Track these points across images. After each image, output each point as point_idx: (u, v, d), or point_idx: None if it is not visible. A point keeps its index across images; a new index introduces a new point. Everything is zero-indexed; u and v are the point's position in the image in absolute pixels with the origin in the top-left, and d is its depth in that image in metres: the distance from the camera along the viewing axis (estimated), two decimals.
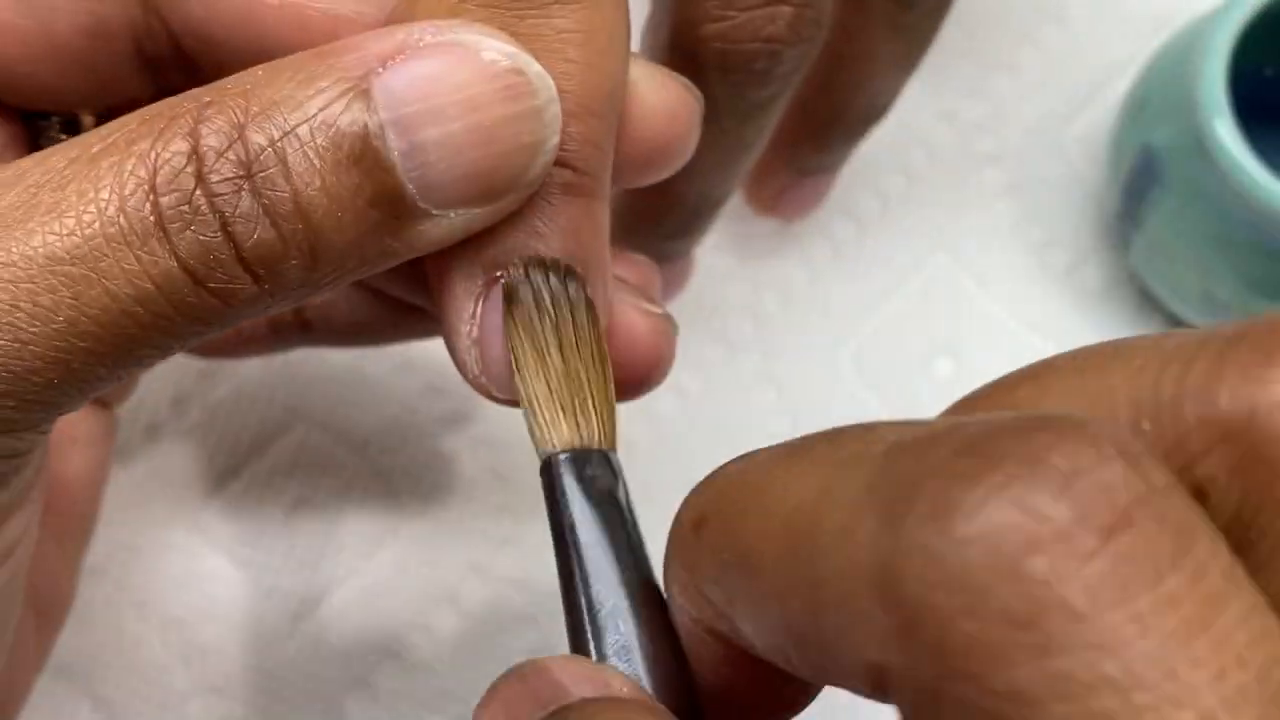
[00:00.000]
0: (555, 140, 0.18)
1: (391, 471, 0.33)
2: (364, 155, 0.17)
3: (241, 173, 0.17)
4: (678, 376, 0.33)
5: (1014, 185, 0.35)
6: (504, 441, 0.33)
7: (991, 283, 0.34)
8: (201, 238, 0.17)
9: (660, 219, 0.29)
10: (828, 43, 0.27)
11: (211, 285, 0.17)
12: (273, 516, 0.32)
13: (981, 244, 0.35)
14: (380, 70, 0.17)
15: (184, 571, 0.32)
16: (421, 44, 0.17)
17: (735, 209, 0.34)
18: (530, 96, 0.17)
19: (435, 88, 0.17)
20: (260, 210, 0.17)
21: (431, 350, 0.25)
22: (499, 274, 0.19)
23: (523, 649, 0.31)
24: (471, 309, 0.19)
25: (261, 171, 0.17)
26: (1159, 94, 0.31)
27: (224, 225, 0.17)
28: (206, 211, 0.17)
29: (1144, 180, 0.31)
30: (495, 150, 0.17)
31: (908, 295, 0.34)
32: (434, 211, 0.18)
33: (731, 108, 0.26)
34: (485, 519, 0.32)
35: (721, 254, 0.34)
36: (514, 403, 0.20)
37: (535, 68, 0.18)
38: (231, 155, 0.17)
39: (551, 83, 0.18)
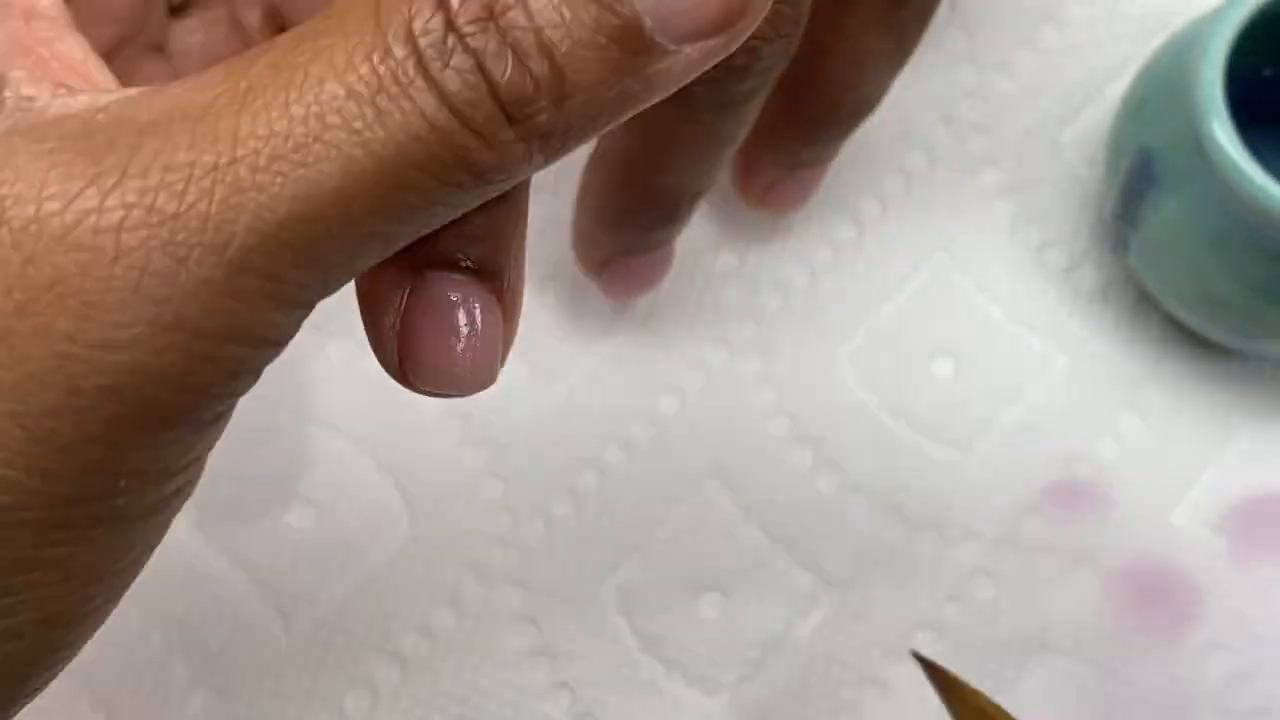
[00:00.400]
0: None
1: (392, 470, 0.33)
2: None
3: (485, 14, 0.17)
4: (679, 376, 0.34)
5: (1012, 186, 0.35)
6: (504, 441, 0.33)
7: (990, 283, 0.34)
8: (461, 77, 0.17)
9: (641, 210, 0.30)
10: (818, 39, 0.28)
11: (475, 127, 0.18)
12: (273, 515, 0.32)
13: (980, 245, 0.35)
14: None
15: (184, 570, 0.32)
16: None
17: (736, 210, 0.34)
18: None
19: None
20: (508, 50, 0.17)
21: None
22: (426, 272, 0.20)
23: (522, 649, 0.31)
24: (397, 301, 0.21)
25: (504, 11, 0.17)
26: (1156, 95, 0.31)
27: (479, 63, 0.17)
28: (461, 52, 0.17)
29: (1141, 181, 0.31)
30: None
31: (907, 296, 0.34)
32: (670, 47, 0.18)
33: (710, 102, 0.27)
34: (485, 518, 0.32)
35: (721, 254, 0.34)
36: (432, 393, 0.21)
37: None
38: None
39: None
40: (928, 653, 0.31)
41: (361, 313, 0.21)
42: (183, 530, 0.32)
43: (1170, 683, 0.31)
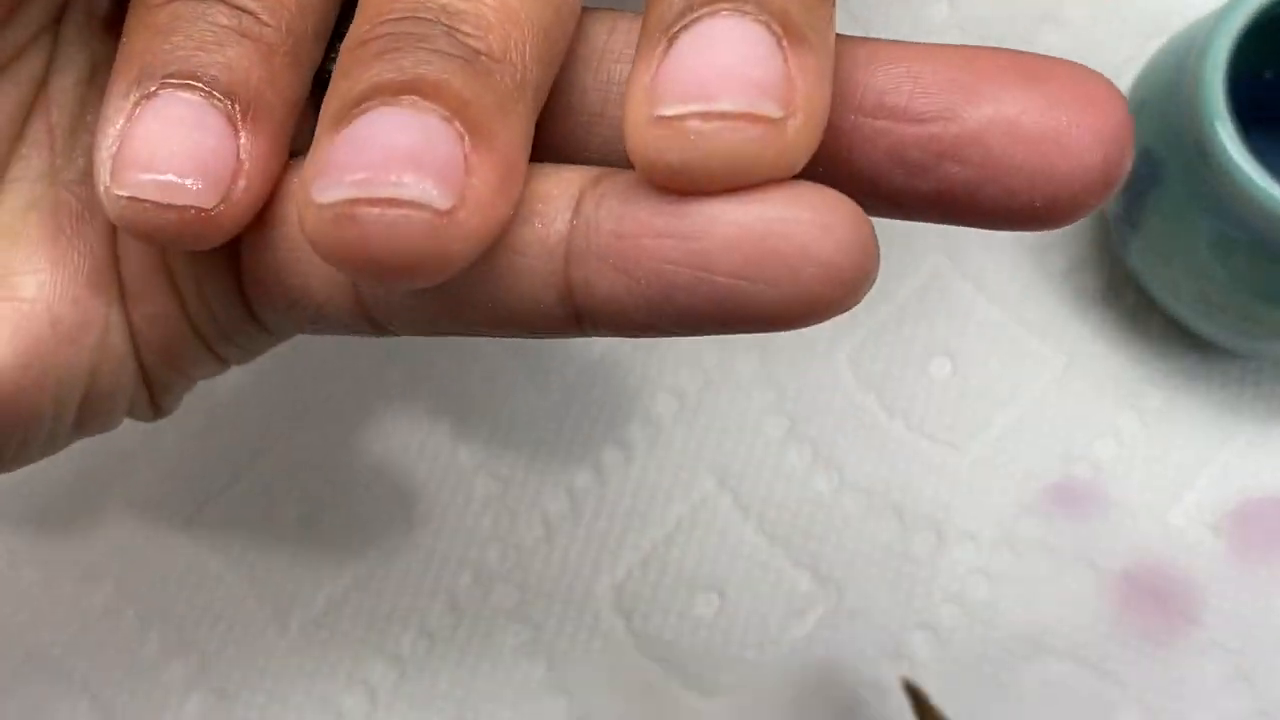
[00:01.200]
0: None
1: (391, 471, 0.33)
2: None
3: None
4: (677, 376, 0.34)
5: None
6: (503, 441, 0.33)
7: (990, 284, 0.34)
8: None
9: None
10: None
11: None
12: (272, 517, 0.32)
13: (980, 246, 0.35)
14: None
15: (183, 572, 0.32)
16: None
17: None
18: None
19: None
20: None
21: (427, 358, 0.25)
22: (155, 87, 0.18)
23: (520, 649, 0.31)
24: (121, 121, 0.18)
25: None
26: (1158, 97, 0.31)
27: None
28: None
29: (1142, 183, 0.31)
30: None
31: (906, 296, 0.34)
32: None
33: None
34: (483, 519, 0.32)
35: None
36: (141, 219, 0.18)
37: None
38: None
39: None
40: (925, 654, 0.31)
41: (93, 141, 0.19)
42: (180, 531, 0.32)
43: (1168, 684, 0.31)
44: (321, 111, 0.17)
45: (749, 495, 0.32)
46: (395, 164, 0.16)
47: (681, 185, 0.16)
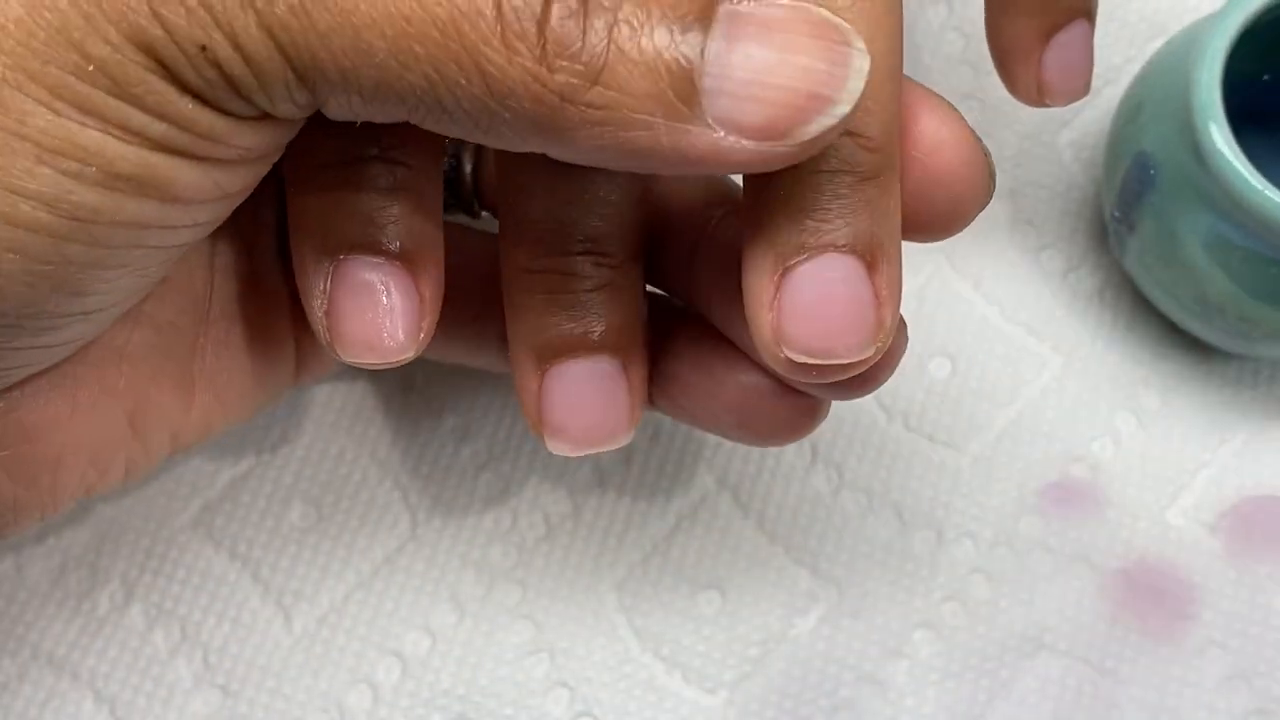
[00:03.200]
0: (845, 111, 0.19)
1: (392, 468, 0.33)
2: (688, 32, 0.18)
3: None
4: None
5: (1010, 189, 0.35)
6: (503, 441, 0.33)
7: (987, 285, 0.34)
8: None
9: None
10: None
11: (507, 34, 0.18)
12: (276, 516, 0.32)
13: (978, 247, 0.35)
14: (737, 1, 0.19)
15: (188, 571, 0.32)
16: (780, 3, 0.19)
17: None
18: (846, 61, 0.19)
19: (775, 23, 0.19)
20: (580, 10, 0.18)
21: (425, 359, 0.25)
22: (342, 256, 0.23)
23: (522, 646, 0.31)
24: (322, 285, 0.23)
25: None
26: (1154, 99, 0.32)
27: None
28: None
29: (1139, 185, 0.31)
30: (792, 86, 0.18)
31: (905, 297, 0.34)
32: (709, 119, 0.19)
33: None
34: (485, 517, 0.32)
35: None
36: (360, 364, 0.23)
37: (860, 46, 0.19)
38: None
39: (867, 63, 0.19)
40: (924, 653, 0.31)
41: (301, 297, 0.23)
42: (185, 530, 0.32)
43: (1167, 682, 0.31)
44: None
45: (749, 494, 0.33)
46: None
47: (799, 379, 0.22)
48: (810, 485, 0.33)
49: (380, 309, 0.23)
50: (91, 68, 0.18)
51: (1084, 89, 0.29)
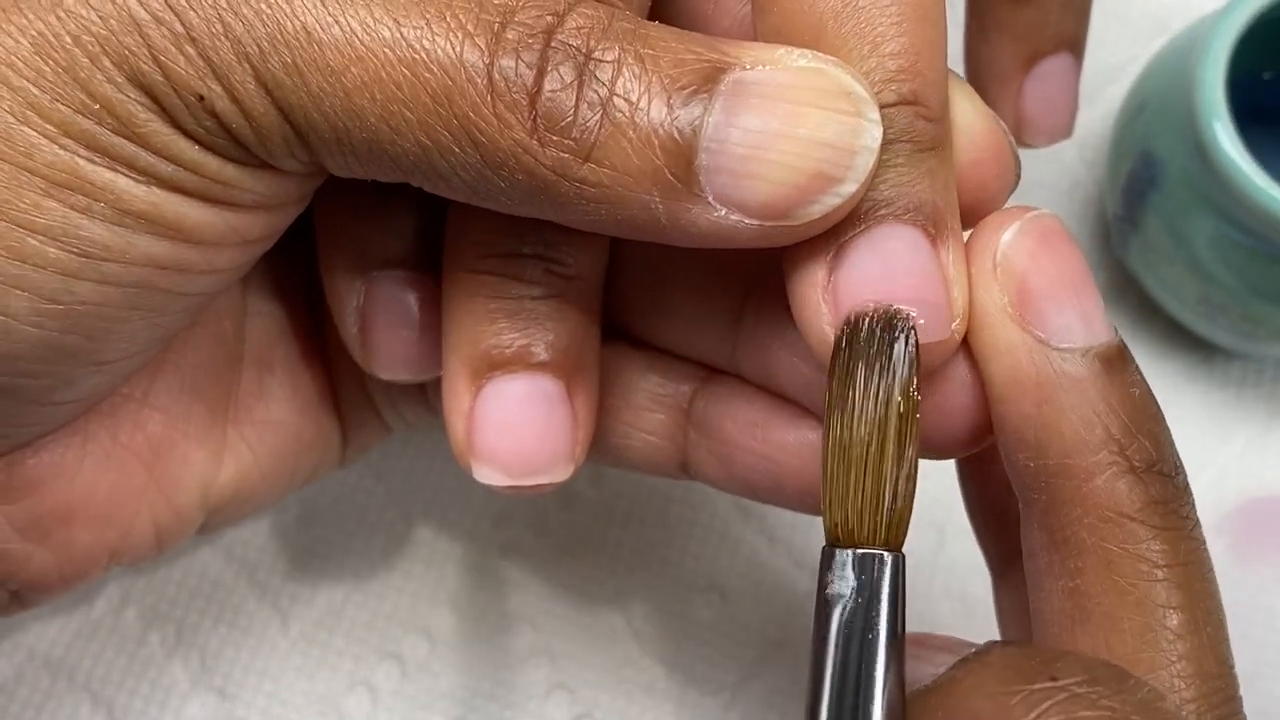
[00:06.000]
0: (852, 190, 0.18)
1: (391, 475, 0.33)
2: (684, 106, 0.18)
3: (582, 49, 0.18)
4: None
5: None
6: None
7: None
8: (519, 61, 0.18)
9: None
10: None
11: (498, 105, 0.18)
12: (273, 518, 0.32)
13: None
14: (746, 67, 0.18)
15: (185, 573, 0.32)
16: (793, 65, 0.18)
17: None
18: (855, 137, 0.18)
19: (780, 93, 0.18)
20: (574, 83, 0.18)
21: None
22: (374, 273, 0.22)
23: (520, 650, 0.31)
24: (354, 302, 0.22)
25: (598, 62, 0.18)
26: (1158, 98, 0.31)
27: (543, 68, 0.18)
28: (537, 49, 0.18)
29: (1142, 184, 0.31)
30: (795, 164, 0.18)
31: None
32: (709, 197, 0.18)
33: None
34: (484, 521, 0.32)
35: None
36: (396, 379, 0.23)
37: (875, 116, 0.18)
38: (584, 33, 0.18)
39: (879, 136, 0.18)
40: None
41: (333, 315, 0.23)
42: None
43: None
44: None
45: None
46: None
47: None
48: None
49: (414, 325, 0.22)
50: (98, 106, 0.18)
51: (1066, 128, 0.28)
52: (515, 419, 0.21)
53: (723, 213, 0.18)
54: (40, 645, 0.31)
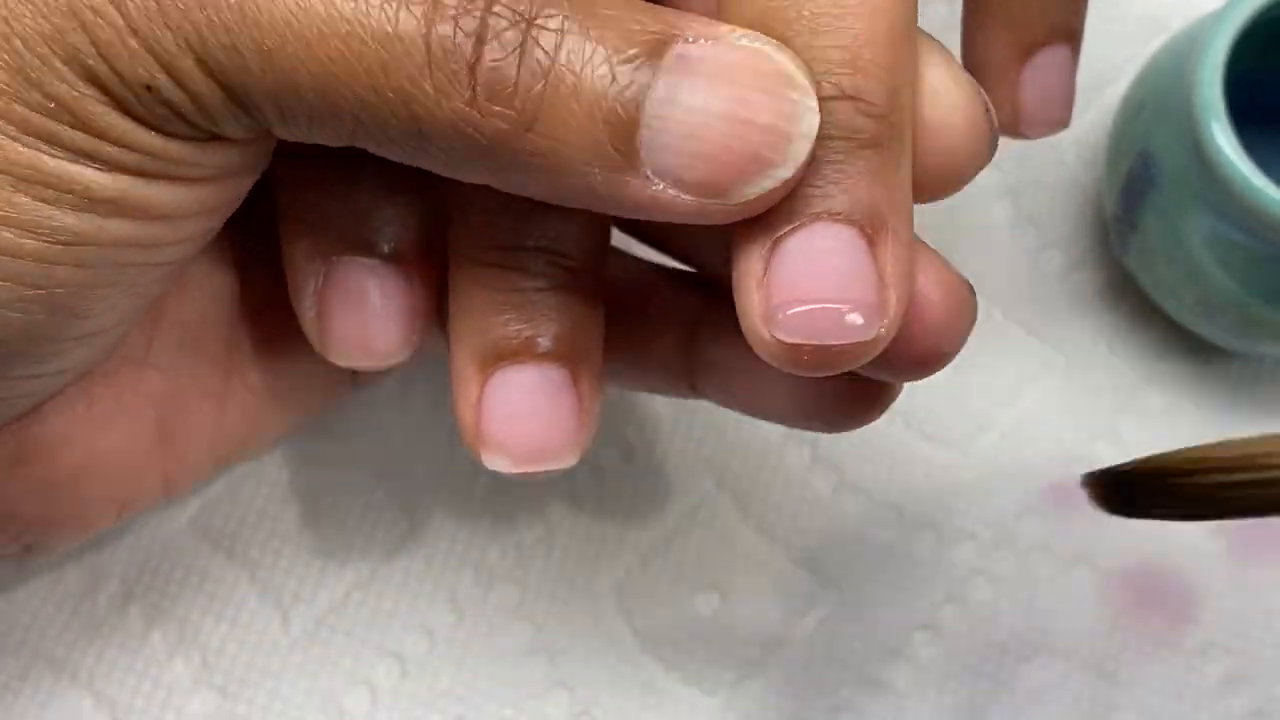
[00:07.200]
0: (788, 175, 0.18)
1: (392, 470, 0.33)
2: (628, 80, 0.18)
3: (525, 15, 0.18)
4: None
5: (1011, 188, 0.35)
6: None
7: (990, 285, 0.34)
8: (457, 28, 0.17)
9: None
10: None
11: (436, 75, 0.18)
12: (274, 517, 0.32)
13: (978, 246, 0.35)
14: (690, 40, 0.18)
15: (185, 570, 0.32)
16: (737, 44, 0.18)
17: None
18: (793, 122, 0.18)
19: (723, 72, 0.18)
20: (516, 51, 0.17)
21: (426, 355, 0.25)
22: (334, 257, 0.22)
23: (521, 648, 0.31)
24: (312, 286, 0.22)
25: (541, 30, 0.18)
26: (1156, 98, 0.31)
27: (481, 35, 0.17)
28: (476, 15, 0.17)
29: (1140, 183, 0.31)
30: (733, 146, 0.18)
31: None
32: (648, 172, 0.18)
33: None
34: (483, 518, 0.32)
35: None
36: (353, 365, 0.23)
37: (813, 104, 0.18)
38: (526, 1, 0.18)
39: (815, 123, 0.18)
40: (925, 654, 0.31)
41: (291, 299, 0.23)
42: (183, 530, 0.32)
43: (1168, 684, 0.31)
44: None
45: (748, 495, 0.32)
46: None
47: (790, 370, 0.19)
48: (810, 486, 0.33)
49: (370, 312, 0.22)
50: (54, 105, 0.18)
51: (1063, 119, 0.28)
52: (523, 408, 0.21)
53: (660, 187, 0.18)
54: (43, 644, 0.31)
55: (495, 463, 0.22)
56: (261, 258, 0.26)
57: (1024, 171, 0.35)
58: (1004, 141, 0.35)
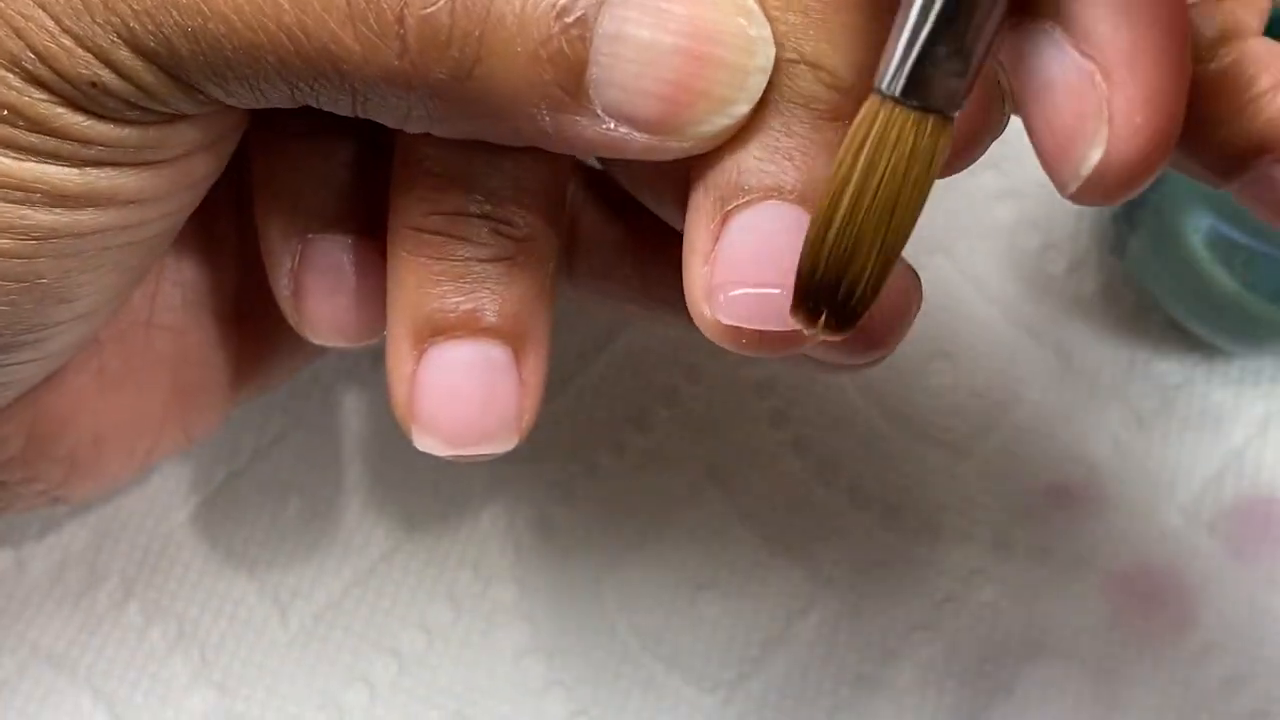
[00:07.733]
0: (744, 110, 0.17)
1: (390, 468, 0.33)
2: (574, 16, 0.17)
3: None
4: (674, 378, 0.34)
5: (1012, 189, 0.35)
6: None
7: (990, 284, 0.34)
8: None
9: None
10: None
11: (359, 29, 0.17)
12: (272, 513, 0.32)
13: (979, 247, 0.35)
14: None
15: (184, 567, 0.32)
16: None
17: None
18: (748, 56, 0.17)
19: (671, 3, 0.17)
20: None
21: None
22: (310, 235, 0.21)
23: (519, 646, 0.31)
24: (289, 264, 0.22)
25: None
26: None
27: None
28: None
29: None
30: (687, 82, 0.17)
31: None
32: (597, 110, 0.17)
33: None
34: (482, 515, 0.32)
35: None
36: (330, 344, 0.22)
37: (768, 35, 0.17)
38: None
39: (771, 57, 0.17)
40: (925, 654, 0.31)
41: (267, 275, 0.22)
42: (183, 526, 0.32)
43: (1168, 685, 0.31)
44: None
45: (748, 496, 0.32)
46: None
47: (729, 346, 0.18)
48: (809, 487, 0.33)
49: (346, 290, 0.22)
50: (6, 111, 0.18)
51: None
52: (459, 386, 0.20)
53: (611, 125, 0.17)
54: (43, 640, 0.31)
55: (426, 444, 0.21)
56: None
57: (1025, 173, 0.35)
58: (1004, 143, 0.36)
